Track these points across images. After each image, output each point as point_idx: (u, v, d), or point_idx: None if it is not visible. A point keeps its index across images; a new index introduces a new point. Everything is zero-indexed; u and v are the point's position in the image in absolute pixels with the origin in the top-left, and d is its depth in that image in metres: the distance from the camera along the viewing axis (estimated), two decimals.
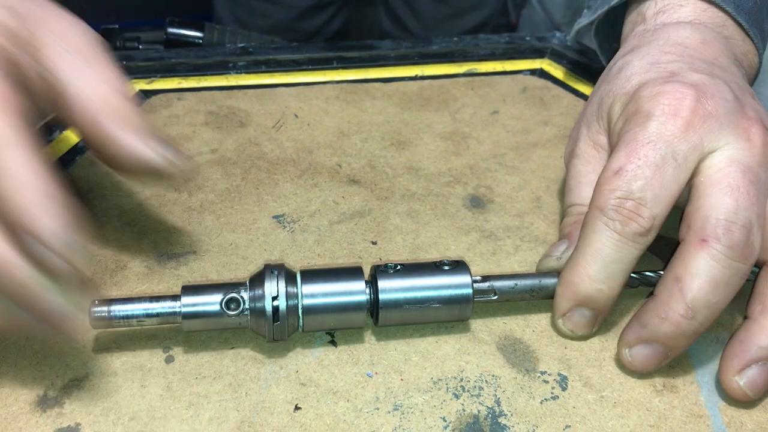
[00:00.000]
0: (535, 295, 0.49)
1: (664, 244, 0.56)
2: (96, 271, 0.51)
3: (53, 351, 0.45)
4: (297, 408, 0.42)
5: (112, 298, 0.44)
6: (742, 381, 0.42)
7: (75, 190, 0.58)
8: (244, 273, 0.51)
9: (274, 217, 0.57)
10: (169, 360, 0.45)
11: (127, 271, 0.51)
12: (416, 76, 0.77)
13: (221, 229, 0.55)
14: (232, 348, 0.46)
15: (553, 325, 0.48)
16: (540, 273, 0.50)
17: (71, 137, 0.65)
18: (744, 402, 0.43)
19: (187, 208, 0.57)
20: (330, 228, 0.56)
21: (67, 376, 0.44)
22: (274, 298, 0.44)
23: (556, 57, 0.83)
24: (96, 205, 0.57)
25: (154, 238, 0.54)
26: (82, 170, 0.61)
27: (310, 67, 0.78)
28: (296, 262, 0.53)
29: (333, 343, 0.47)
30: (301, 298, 0.45)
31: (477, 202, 0.60)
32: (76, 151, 0.64)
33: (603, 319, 0.47)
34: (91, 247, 0.53)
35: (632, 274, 0.49)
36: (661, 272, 0.49)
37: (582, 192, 0.51)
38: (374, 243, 0.55)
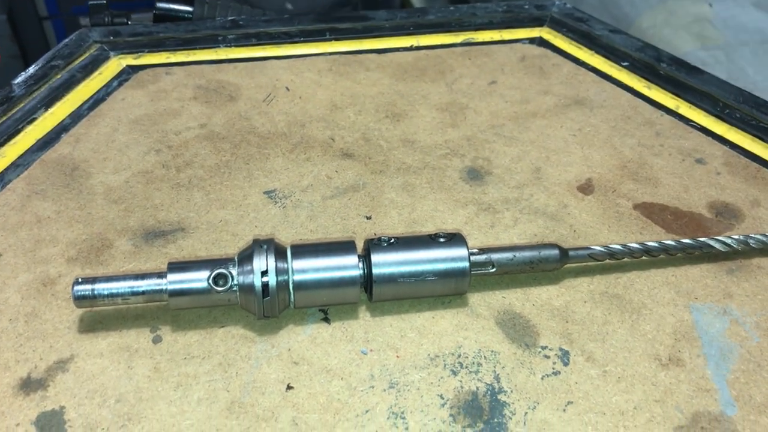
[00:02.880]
0: (535, 268, 0.47)
1: (668, 214, 0.54)
2: (81, 250, 0.49)
3: (37, 332, 0.44)
4: (289, 387, 0.41)
5: (96, 276, 0.43)
6: None
7: (60, 168, 0.57)
8: (234, 250, 0.50)
9: (265, 192, 0.55)
10: (156, 340, 0.44)
11: (113, 250, 0.49)
12: (411, 46, 0.75)
13: (210, 205, 0.54)
14: (222, 327, 0.44)
15: None
16: (540, 244, 0.48)
17: (55, 116, 0.63)
18: None
19: (175, 184, 0.55)
20: (323, 203, 0.54)
21: (51, 358, 0.42)
22: (264, 273, 0.42)
23: (556, 25, 0.80)
24: (81, 183, 0.55)
25: (141, 215, 0.52)
26: (67, 148, 0.59)
27: (301, 39, 0.76)
28: (288, 239, 0.51)
29: (326, 319, 0.45)
30: (292, 273, 0.43)
31: (474, 175, 0.58)
32: (61, 128, 0.62)
33: None
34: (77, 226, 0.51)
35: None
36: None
37: None
38: (368, 218, 0.53)
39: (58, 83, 0.67)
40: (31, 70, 0.68)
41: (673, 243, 0.49)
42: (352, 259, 0.44)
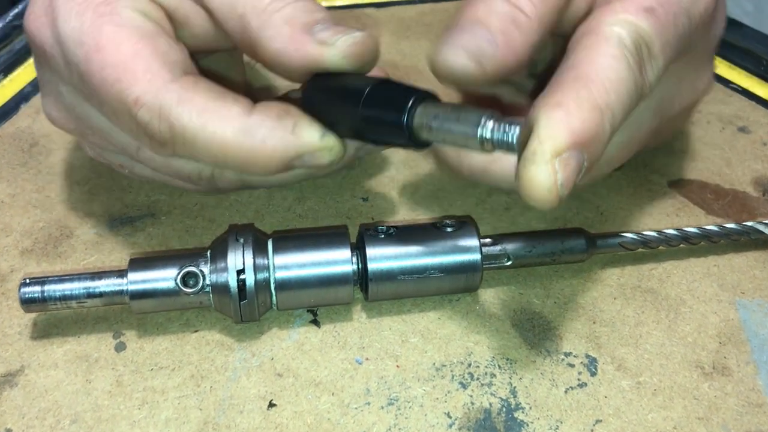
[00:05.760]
0: (557, 260, 0.40)
1: (708, 192, 0.48)
2: (38, 240, 0.43)
3: None
4: (271, 405, 0.35)
5: (47, 275, 0.37)
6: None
7: (17, 144, 0.50)
8: (211, 240, 0.43)
9: None
10: (119, 348, 0.38)
11: (73, 240, 0.43)
12: None
13: None
14: (195, 331, 0.39)
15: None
16: (563, 231, 0.41)
17: (15, 84, 0.57)
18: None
19: None
20: (313, 183, 0.48)
21: None
22: (240, 272, 0.36)
23: None
24: (41, 161, 0.49)
25: (105, 199, 0.46)
26: (26, 120, 0.53)
27: None
28: (273, 225, 0.45)
29: (315, 322, 0.39)
30: (273, 270, 0.37)
31: None
32: (20, 98, 0.55)
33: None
34: (33, 210, 0.45)
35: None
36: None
37: None
38: (365, 199, 0.47)
39: (20, 46, 0.60)
40: None
41: (715, 228, 0.42)
42: (344, 253, 0.38)
